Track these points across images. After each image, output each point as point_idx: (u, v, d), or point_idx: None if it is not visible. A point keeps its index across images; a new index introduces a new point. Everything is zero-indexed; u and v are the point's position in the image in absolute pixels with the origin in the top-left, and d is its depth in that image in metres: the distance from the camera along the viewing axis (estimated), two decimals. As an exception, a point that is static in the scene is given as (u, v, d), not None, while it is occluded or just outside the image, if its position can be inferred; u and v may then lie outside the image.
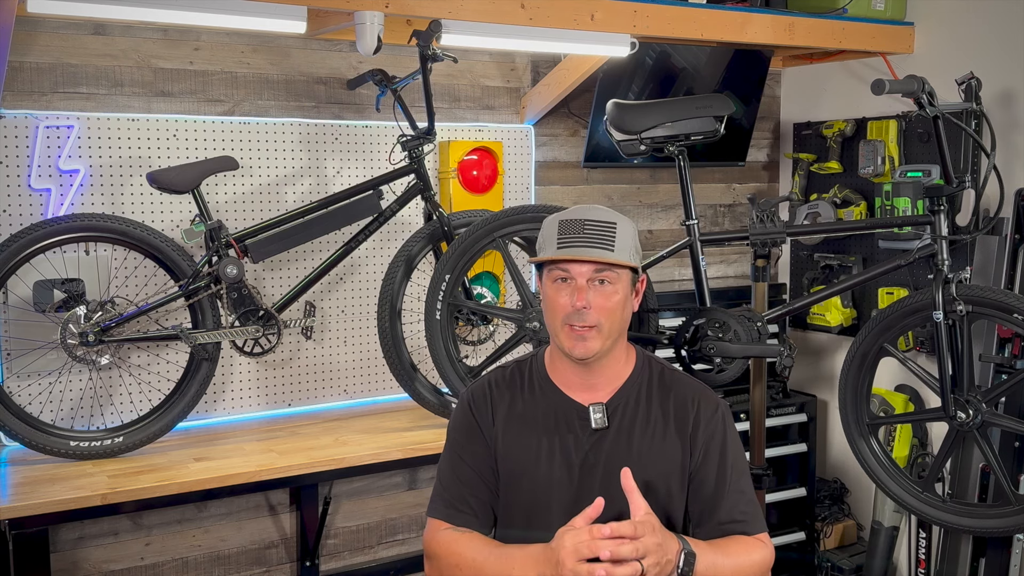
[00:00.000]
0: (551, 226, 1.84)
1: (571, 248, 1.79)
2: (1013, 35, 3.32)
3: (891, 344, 2.82)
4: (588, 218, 1.82)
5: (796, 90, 4.18)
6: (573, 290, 1.80)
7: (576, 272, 1.80)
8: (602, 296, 1.80)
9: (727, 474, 1.86)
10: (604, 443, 1.85)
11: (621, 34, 3.11)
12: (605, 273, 1.80)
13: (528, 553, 1.71)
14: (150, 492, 2.47)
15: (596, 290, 1.80)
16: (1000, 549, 3.25)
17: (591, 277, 1.80)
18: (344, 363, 3.31)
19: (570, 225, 1.82)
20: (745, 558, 1.80)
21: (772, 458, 3.70)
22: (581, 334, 1.80)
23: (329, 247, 3.11)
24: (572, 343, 1.81)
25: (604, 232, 1.81)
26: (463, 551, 1.80)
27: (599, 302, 1.79)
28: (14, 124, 2.75)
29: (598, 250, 1.79)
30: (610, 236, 1.81)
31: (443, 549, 1.82)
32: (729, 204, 4.19)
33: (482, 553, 1.78)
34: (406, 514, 3.46)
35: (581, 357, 1.82)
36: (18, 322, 2.73)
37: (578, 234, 1.80)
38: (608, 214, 1.84)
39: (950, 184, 2.64)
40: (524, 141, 3.58)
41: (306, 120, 3.19)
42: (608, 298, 1.80)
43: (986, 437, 2.73)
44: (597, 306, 1.79)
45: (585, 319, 1.79)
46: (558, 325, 1.82)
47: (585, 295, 1.78)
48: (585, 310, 1.78)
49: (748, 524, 1.84)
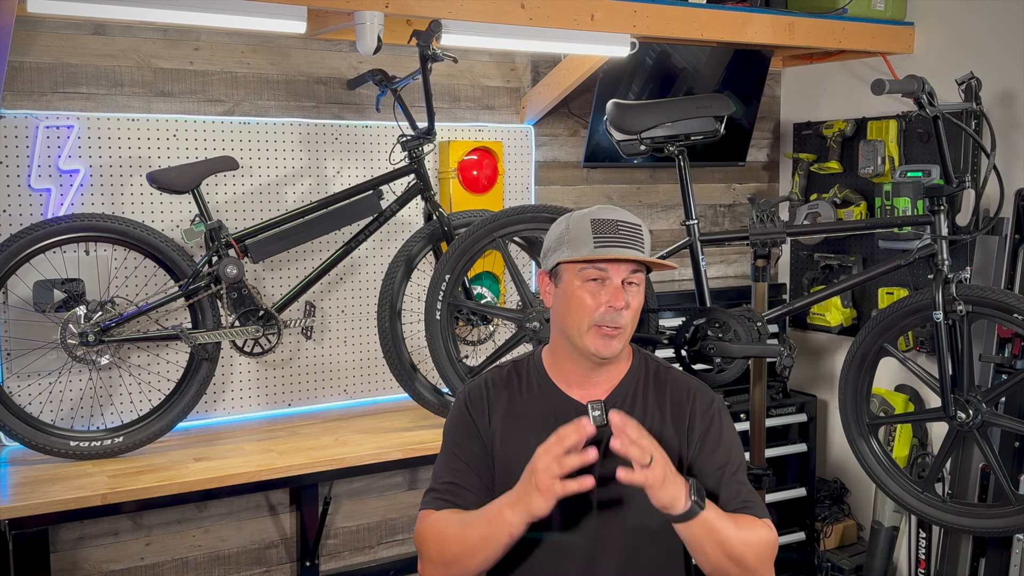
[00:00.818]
0: (580, 224, 1.82)
1: (612, 248, 1.78)
2: (1013, 35, 3.32)
3: (891, 344, 2.82)
4: (620, 219, 1.82)
5: (796, 90, 4.18)
6: (609, 291, 1.79)
7: (614, 273, 1.79)
8: (633, 297, 1.81)
9: (725, 465, 1.85)
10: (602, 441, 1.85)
11: (621, 34, 3.11)
12: (637, 275, 1.81)
13: (506, 494, 1.72)
14: (150, 492, 2.47)
15: (629, 291, 1.81)
16: (1000, 549, 3.25)
17: (626, 278, 1.80)
18: (344, 363, 3.31)
19: (605, 225, 1.80)
20: (754, 533, 1.77)
21: (772, 458, 3.70)
22: (609, 334, 1.79)
23: (329, 247, 3.11)
24: (600, 344, 1.80)
25: (637, 233, 1.82)
26: (447, 524, 1.79)
27: (632, 303, 1.81)
28: (14, 124, 2.75)
29: (634, 250, 1.79)
30: (641, 237, 1.82)
31: (430, 532, 1.82)
32: (729, 204, 4.19)
33: (464, 516, 1.78)
34: (406, 514, 3.46)
35: (606, 357, 1.82)
36: (18, 322, 2.73)
37: (614, 234, 1.79)
38: (632, 215, 1.85)
39: (950, 184, 2.64)
40: (524, 141, 3.59)
41: (306, 120, 3.19)
42: (637, 299, 1.82)
43: (986, 437, 2.73)
44: (631, 308, 1.80)
45: (618, 320, 1.79)
46: (585, 326, 1.80)
47: (623, 296, 1.78)
48: (624, 311, 1.78)
49: (753, 509, 1.82)
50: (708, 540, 1.70)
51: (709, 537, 1.70)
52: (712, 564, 1.73)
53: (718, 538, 1.70)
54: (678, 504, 1.66)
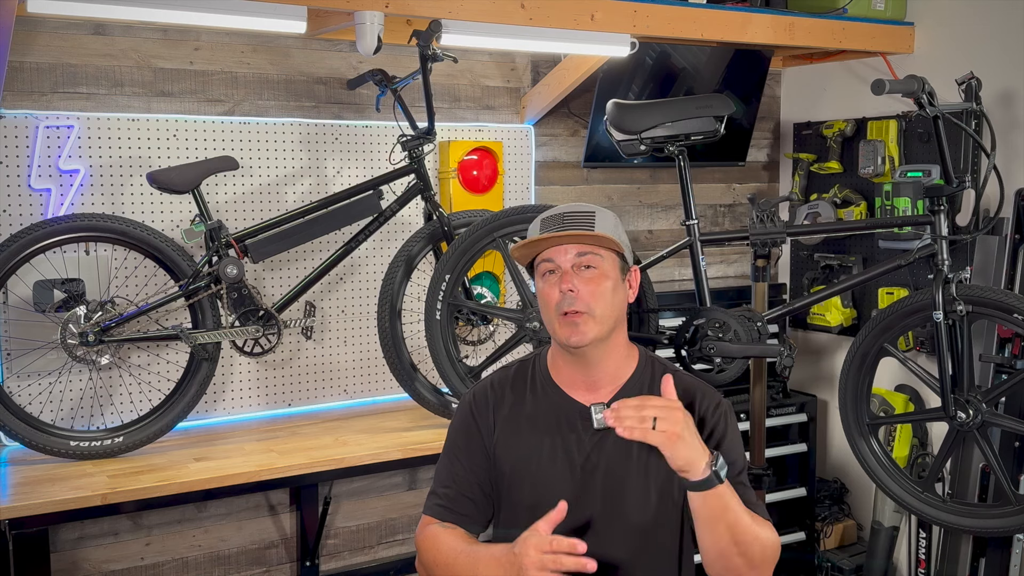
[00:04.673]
0: (535, 224, 1.87)
1: (548, 231, 1.81)
2: (1013, 35, 3.32)
3: (891, 344, 2.82)
4: (568, 210, 1.85)
5: (796, 90, 4.18)
6: (559, 278, 1.81)
7: (560, 260, 1.81)
8: (589, 281, 1.81)
9: (731, 467, 1.84)
10: (606, 443, 1.85)
11: (621, 34, 3.11)
12: (588, 257, 1.81)
13: (492, 554, 1.72)
14: (150, 492, 2.47)
15: (582, 275, 1.81)
16: (1000, 549, 3.25)
17: (575, 263, 1.81)
18: (344, 363, 3.31)
19: (551, 219, 1.85)
20: (762, 530, 1.76)
21: (772, 458, 3.70)
22: (572, 319, 1.80)
23: (329, 247, 3.11)
24: (566, 331, 1.80)
25: (583, 218, 1.83)
26: (441, 546, 1.82)
27: (586, 287, 1.80)
28: (14, 124, 2.75)
29: (577, 230, 1.80)
30: (589, 220, 1.83)
31: (427, 543, 1.85)
32: (729, 204, 4.19)
33: (455, 549, 1.80)
34: (406, 514, 3.46)
35: (576, 345, 1.81)
36: (18, 322, 2.73)
37: (559, 224, 1.83)
38: (589, 206, 1.87)
39: (950, 184, 2.64)
40: (524, 141, 3.58)
41: (306, 120, 3.19)
42: (595, 282, 1.81)
43: (986, 437, 2.73)
44: (585, 291, 1.80)
45: (574, 304, 1.79)
46: (552, 317, 1.83)
47: (571, 279, 1.80)
48: (571, 293, 1.79)
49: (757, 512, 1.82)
50: (720, 519, 1.68)
51: (722, 515, 1.68)
52: (717, 548, 1.71)
53: (729, 519, 1.69)
54: (696, 468, 1.65)
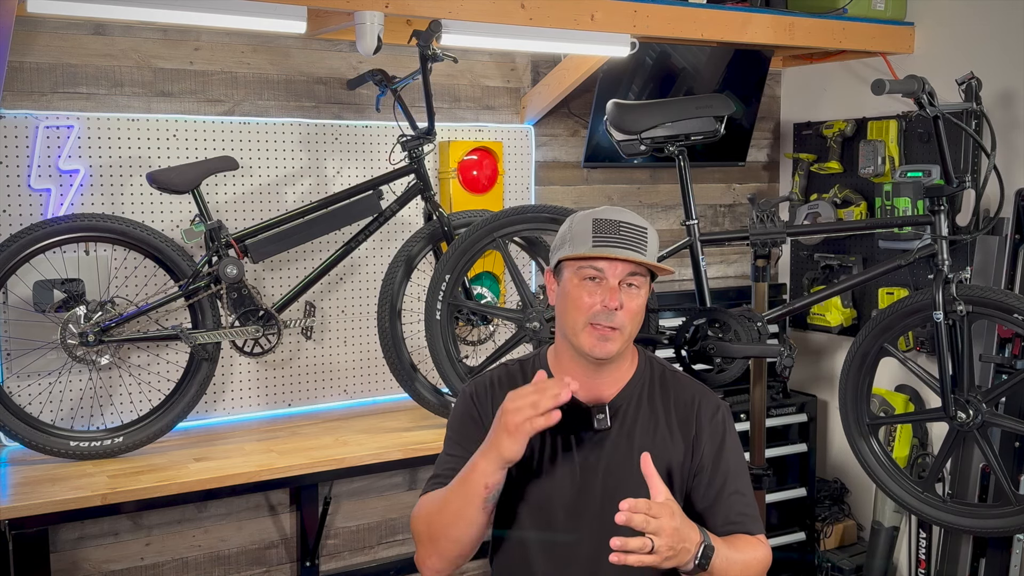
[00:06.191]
0: (583, 223, 1.82)
1: (609, 247, 1.78)
2: (1013, 35, 3.32)
3: (891, 344, 2.81)
4: (623, 220, 1.81)
5: (796, 90, 4.18)
6: (605, 290, 1.79)
7: (610, 272, 1.79)
8: (631, 299, 1.80)
9: (727, 475, 1.86)
10: (606, 443, 1.85)
11: (621, 34, 3.11)
12: (636, 277, 1.81)
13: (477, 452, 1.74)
14: (150, 492, 2.47)
15: (625, 292, 1.80)
16: (1000, 549, 3.25)
17: (623, 279, 1.80)
18: (344, 363, 3.31)
19: (606, 225, 1.80)
20: (751, 555, 1.80)
21: (772, 458, 3.70)
22: (604, 334, 1.79)
23: (329, 247, 3.11)
24: (594, 343, 1.80)
25: (639, 235, 1.81)
26: (432, 498, 1.82)
27: (628, 305, 1.80)
28: (14, 124, 2.75)
29: (634, 252, 1.79)
30: (643, 239, 1.81)
31: (421, 510, 1.84)
32: (729, 204, 4.19)
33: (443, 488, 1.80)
34: (406, 514, 3.46)
35: (601, 357, 1.81)
36: (18, 322, 2.73)
37: (614, 234, 1.79)
38: (638, 218, 1.84)
39: (950, 184, 2.64)
40: (524, 141, 3.58)
41: (306, 120, 3.19)
42: (635, 301, 1.81)
43: (986, 437, 2.73)
44: (627, 310, 1.80)
45: (613, 320, 1.78)
46: (580, 324, 1.81)
47: (618, 296, 1.78)
48: (617, 311, 1.78)
49: (748, 524, 1.85)
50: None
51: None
52: None
53: None
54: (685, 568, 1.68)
